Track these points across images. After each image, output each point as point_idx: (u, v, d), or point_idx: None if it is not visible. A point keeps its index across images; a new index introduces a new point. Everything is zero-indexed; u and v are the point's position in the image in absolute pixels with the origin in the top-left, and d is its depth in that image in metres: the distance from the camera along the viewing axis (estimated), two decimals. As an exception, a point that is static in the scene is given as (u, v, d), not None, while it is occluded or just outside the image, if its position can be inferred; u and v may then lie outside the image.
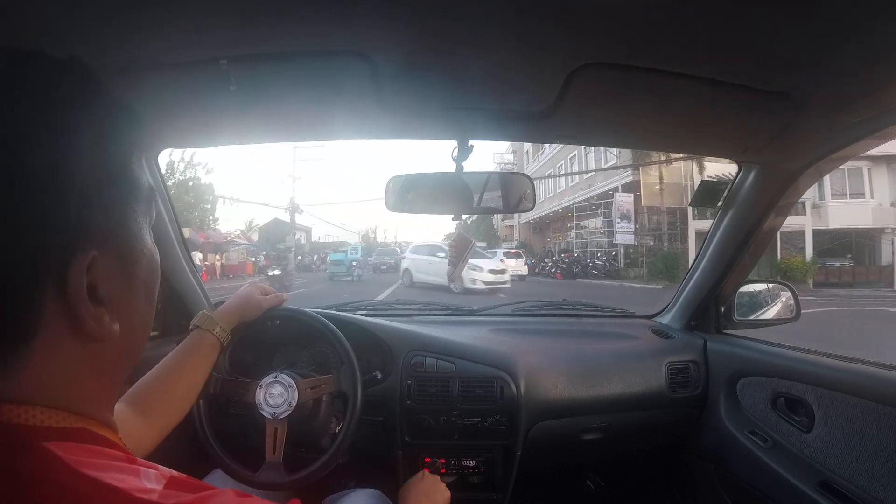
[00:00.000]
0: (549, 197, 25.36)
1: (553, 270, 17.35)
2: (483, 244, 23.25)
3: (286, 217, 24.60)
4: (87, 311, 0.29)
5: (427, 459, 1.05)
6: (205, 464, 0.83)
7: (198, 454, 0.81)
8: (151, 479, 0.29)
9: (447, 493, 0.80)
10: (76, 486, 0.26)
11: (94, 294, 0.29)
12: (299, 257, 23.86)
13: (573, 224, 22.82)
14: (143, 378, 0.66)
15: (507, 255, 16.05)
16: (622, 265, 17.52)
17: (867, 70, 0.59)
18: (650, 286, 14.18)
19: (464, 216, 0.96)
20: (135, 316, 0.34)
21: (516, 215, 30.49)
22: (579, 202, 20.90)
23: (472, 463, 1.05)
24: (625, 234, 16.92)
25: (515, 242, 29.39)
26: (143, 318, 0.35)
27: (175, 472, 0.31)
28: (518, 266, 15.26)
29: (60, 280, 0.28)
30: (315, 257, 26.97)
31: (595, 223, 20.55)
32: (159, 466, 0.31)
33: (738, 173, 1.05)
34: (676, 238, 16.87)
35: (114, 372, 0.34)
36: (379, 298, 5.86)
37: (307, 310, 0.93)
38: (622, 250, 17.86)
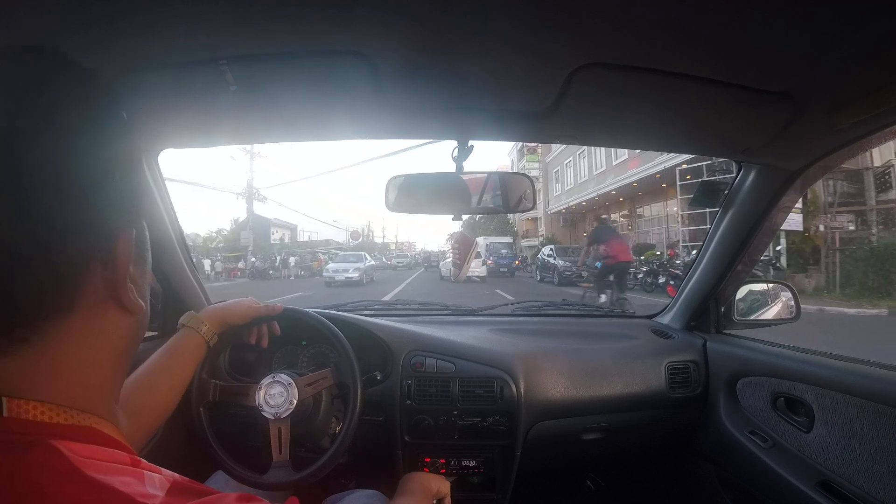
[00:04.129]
0: (599, 173, 18.30)
1: (658, 282, 9.89)
2: (509, 239, 20.23)
3: (243, 209, 19.51)
4: (126, 283, 0.32)
5: (427, 459, 1.05)
6: (208, 464, 0.83)
7: (201, 455, 0.81)
8: (155, 483, 0.29)
9: (446, 483, 0.82)
10: (78, 488, 0.26)
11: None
12: (253, 259, 19.66)
13: (628, 210, 17.35)
14: (129, 377, 0.65)
15: (466, 255, 15.06)
16: (784, 267, 9.65)
17: (867, 70, 0.59)
18: (871, 311, 7.16)
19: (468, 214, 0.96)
20: (144, 300, 0.36)
21: (542, 205, 26.67)
22: (674, 167, 12.84)
23: (472, 463, 1.05)
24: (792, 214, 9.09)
25: (541, 238, 25.93)
26: (148, 305, 0.37)
27: (178, 476, 0.31)
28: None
29: (106, 254, 0.31)
30: (278, 259, 21.39)
31: (668, 207, 14.48)
32: (163, 470, 0.31)
33: (738, 173, 1.05)
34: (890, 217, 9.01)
35: (125, 355, 0.36)
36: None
37: (305, 309, 0.93)
38: (783, 244, 9.80)
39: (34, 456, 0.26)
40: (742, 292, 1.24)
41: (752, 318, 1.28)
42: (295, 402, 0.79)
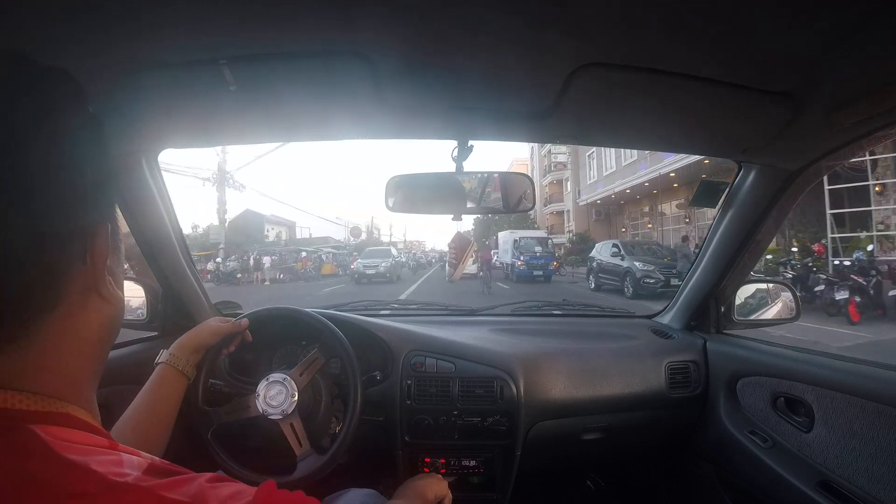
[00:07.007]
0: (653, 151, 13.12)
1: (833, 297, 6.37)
2: (543, 234, 17.01)
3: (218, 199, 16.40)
4: (105, 275, 0.34)
5: (427, 459, 1.05)
6: (207, 463, 0.83)
7: (199, 454, 0.82)
8: (132, 464, 0.30)
9: (444, 483, 0.82)
10: (54, 468, 0.27)
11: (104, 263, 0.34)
12: (218, 260, 17.04)
13: (684, 199, 14.23)
14: (120, 418, 0.68)
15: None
16: None
17: (867, 70, 0.59)
18: None
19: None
20: (121, 289, 0.37)
21: (571, 197, 24.55)
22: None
23: (472, 463, 1.06)
24: None
25: (569, 234, 23.32)
26: (123, 294, 0.39)
27: (157, 459, 0.32)
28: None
29: (83, 251, 0.32)
30: (251, 258, 17.80)
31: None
32: (142, 453, 0.32)
33: (738, 173, 1.05)
34: None
35: (104, 345, 0.37)
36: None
37: (304, 309, 0.93)
38: None
39: (11, 440, 0.27)
40: (742, 292, 1.24)
41: (752, 317, 1.28)
42: (296, 394, 0.81)
